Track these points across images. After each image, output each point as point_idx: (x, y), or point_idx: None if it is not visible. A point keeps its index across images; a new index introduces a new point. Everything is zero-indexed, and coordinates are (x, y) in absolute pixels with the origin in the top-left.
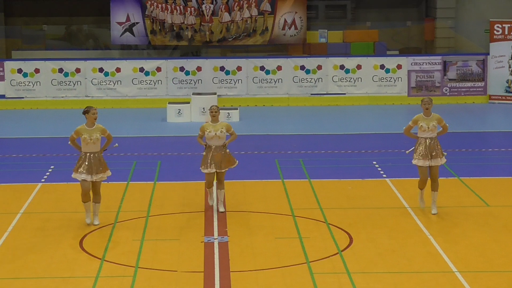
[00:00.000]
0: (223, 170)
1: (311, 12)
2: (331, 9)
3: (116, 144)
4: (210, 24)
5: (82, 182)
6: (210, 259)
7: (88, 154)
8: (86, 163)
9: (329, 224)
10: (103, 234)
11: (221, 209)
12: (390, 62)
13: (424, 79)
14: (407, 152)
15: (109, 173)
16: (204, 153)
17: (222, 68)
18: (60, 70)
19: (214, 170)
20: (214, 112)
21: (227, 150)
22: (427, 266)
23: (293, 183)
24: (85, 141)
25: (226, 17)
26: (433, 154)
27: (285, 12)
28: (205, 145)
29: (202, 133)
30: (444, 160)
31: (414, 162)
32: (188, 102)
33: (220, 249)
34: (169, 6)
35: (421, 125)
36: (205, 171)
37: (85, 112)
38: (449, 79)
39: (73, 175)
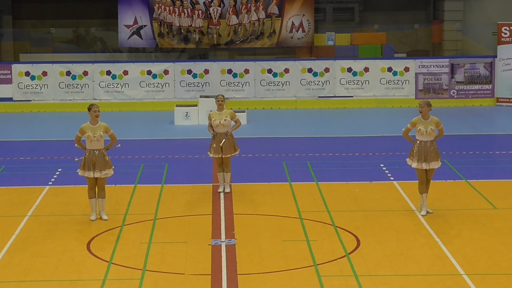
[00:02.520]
0: (225, 156)
1: (318, 14)
2: (339, 11)
3: (119, 145)
4: (217, 27)
5: (87, 178)
6: (218, 261)
7: (92, 151)
8: (90, 159)
9: (336, 226)
10: (110, 237)
11: (227, 190)
12: (398, 64)
13: (431, 82)
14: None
15: (112, 172)
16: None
17: (229, 71)
18: (68, 73)
19: (218, 155)
20: (221, 101)
21: (231, 137)
22: (435, 268)
23: (300, 186)
24: (89, 138)
25: (233, 20)
26: (428, 157)
27: (293, 15)
28: (213, 134)
29: (210, 121)
30: (439, 164)
31: (410, 164)
32: (196, 105)
33: (228, 252)
34: (176, 9)
35: (419, 128)
36: (210, 155)
37: (88, 109)
38: (457, 82)
39: (78, 171)
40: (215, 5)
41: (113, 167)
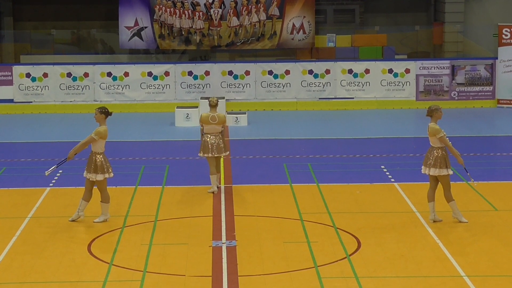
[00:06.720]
0: (215, 156)
1: (319, 16)
2: (340, 13)
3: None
4: (218, 29)
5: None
6: (218, 263)
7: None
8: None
9: (337, 228)
10: (111, 239)
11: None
12: (399, 66)
13: (432, 83)
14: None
15: (99, 177)
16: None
17: (230, 73)
18: (69, 75)
19: (209, 155)
20: (213, 104)
21: (221, 139)
22: (436, 270)
23: (301, 187)
24: None
25: (234, 21)
26: (428, 162)
27: (294, 17)
28: (202, 133)
29: (201, 123)
30: (438, 171)
31: None
32: (197, 107)
33: (228, 254)
34: (177, 11)
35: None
36: (203, 155)
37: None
38: (458, 83)
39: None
40: (216, 6)
41: (106, 175)
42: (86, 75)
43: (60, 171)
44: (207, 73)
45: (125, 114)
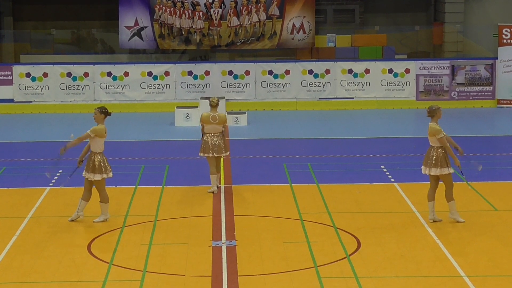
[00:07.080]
0: (215, 156)
1: (319, 16)
2: (340, 13)
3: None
4: (218, 28)
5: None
6: (218, 263)
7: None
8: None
9: (337, 228)
10: (111, 238)
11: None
12: (399, 66)
13: (432, 83)
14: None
15: (97, 177)
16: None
17: (230, 72)
18: (69, 74)
19: (209, 155)
20: (214, 104)
21: (222, 139)
22: (435, 270)
23: (301, 187)
24: None
25: (234, 21)
26: (428, 162)
27: (294, 17)
28: (202, 133)
29: (202, 122)
30: (440, 171)
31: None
32: (196, 106)
33: (228, 253)
34: (177, 10)
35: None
36: (203, 155)
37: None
38: (458, 83)
39: None
40: (216, 6)
41: (104, 175)
42: (86, 75)
43: (60, 171)
44: (207, 73)
45: (125, 114)
